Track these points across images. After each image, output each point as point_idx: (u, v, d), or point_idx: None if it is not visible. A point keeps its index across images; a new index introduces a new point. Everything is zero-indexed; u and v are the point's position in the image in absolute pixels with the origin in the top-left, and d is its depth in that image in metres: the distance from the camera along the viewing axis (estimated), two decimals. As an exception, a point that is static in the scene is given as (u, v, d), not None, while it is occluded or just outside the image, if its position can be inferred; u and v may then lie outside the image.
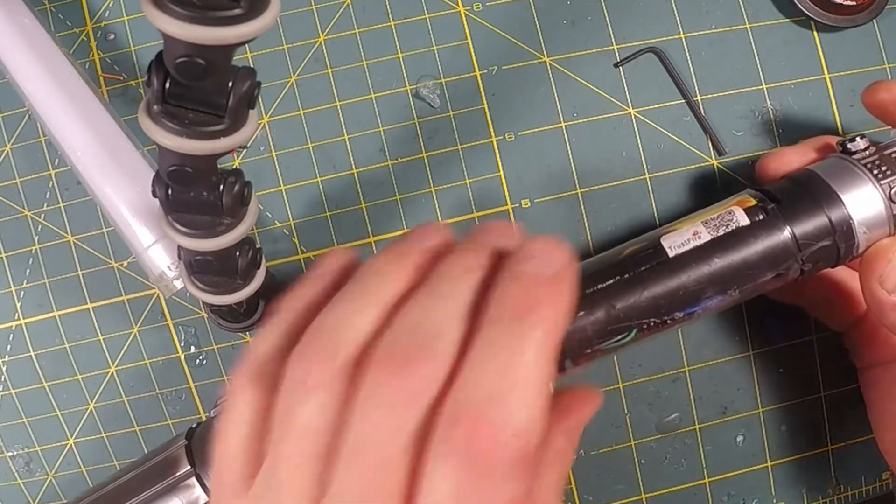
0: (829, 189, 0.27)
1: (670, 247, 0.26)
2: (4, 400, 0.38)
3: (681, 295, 0.26)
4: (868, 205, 0.27)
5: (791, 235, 0.26)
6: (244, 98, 0.22)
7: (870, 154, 0.28)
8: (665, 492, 0.39)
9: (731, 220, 0.26)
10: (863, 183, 0.27)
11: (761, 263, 0.26)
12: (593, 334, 0.26)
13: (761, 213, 0.27)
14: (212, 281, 0.30)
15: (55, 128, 0.35)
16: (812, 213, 0.27)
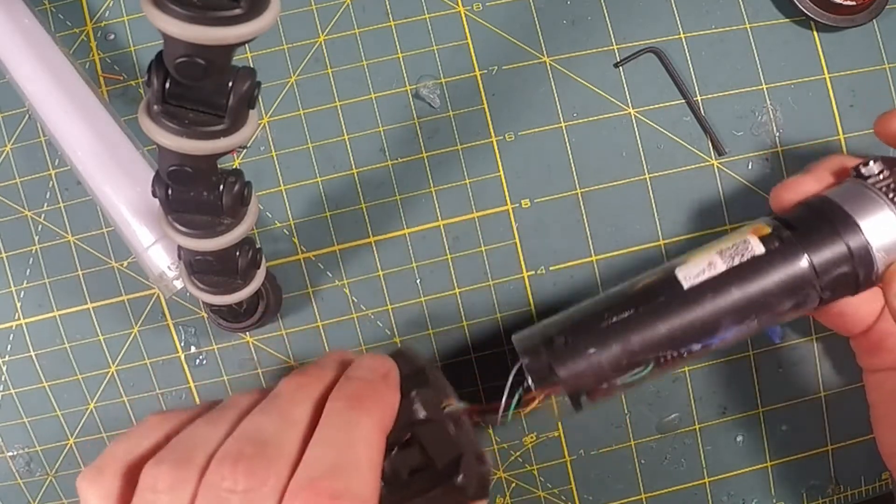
0: (845, 215, 0.26)
1: (685, 277, 0.26)
2: (5, 400, 0.38)
3: (698, 326, 0.26)
4: (886, 229, 0.26)
5: (809, 263, 0.26)
6: (244, 98, 0.22)
7: (884, 178, 0.27)
8: (665, 492, 0.39)
9: (746, 249, 0.26)
10: (879, 207, 0.26)
11: (779, 292, 0.26)
12: (609, 368, 0.26)
13: (777, 241, 0.26)
14: (212, 281, 0.30)
15: (55, 128, 0.35)
16: (829, 239, 0.26)
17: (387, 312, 0.38)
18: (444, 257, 0.38)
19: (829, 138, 0.38)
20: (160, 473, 0.23)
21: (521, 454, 0.38)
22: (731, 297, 0.26)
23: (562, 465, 0.39)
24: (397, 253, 0.38)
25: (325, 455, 0.23)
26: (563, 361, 0.26)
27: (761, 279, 0.26)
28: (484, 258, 0.38)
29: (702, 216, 0.38)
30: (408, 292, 0.38)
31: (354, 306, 0.38)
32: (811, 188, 0.29)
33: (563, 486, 0.39)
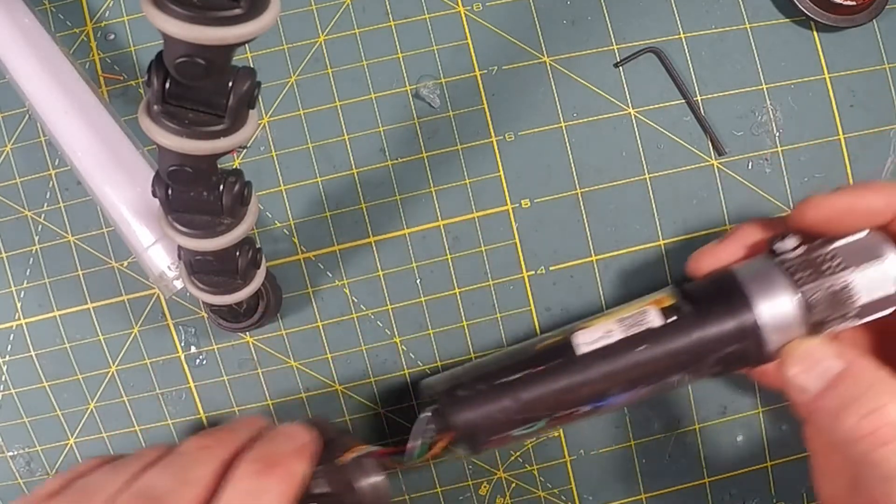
0: (743, 295, 0.26)
1: (580, 344, 0.27)
2: (5, 400, 0.38)
3: (587, 391, 0.27)
4: (782, 313, 0.26)
5: (699, 340, 0.26)
6: (244, 98, 0.22)
7: (795, 257, 0.27)
8: (665, 492, 0.39)
9: (643, 320, 0.26)
10: (779, 291, 0.26)
11: (669, 365, 0.26)
12: (503, 422, 0.28)
13: (675, 314, 0.27)
14: (212, 281, 0.30)
15: (55, 128, 0.35)
16: (722, 319, 0.26)
17: (387, 312, 0.38)
18: (444, 257, 0.38)
19: (829, 138, 0.38)
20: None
21: (521, 454, 0.39)
22: (620, 367, 0.26)
23: (562, 465, 0.39)
24: (397, 253, 0.38)
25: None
26: (461, 412, 0.28)
27: (652, 352, 0.26)
28: (484, 258, 0.38)
29: (702, 216, 0.38)
30: (408, 292, 0.38)
31: (354, 306, 0.38)
32: (726, 257, 0.29)
33: (563, 486, 0.39)
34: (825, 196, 0.27)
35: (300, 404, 0.38)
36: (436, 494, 0.38)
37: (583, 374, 0.27)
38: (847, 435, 0.24)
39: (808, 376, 0.25)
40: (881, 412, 0.23)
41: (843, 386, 0.24)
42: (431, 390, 0.30)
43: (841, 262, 0.26)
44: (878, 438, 0.23)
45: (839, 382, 0.25)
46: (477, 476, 0.38)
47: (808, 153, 0.38)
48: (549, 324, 0.38)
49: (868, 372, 0.24)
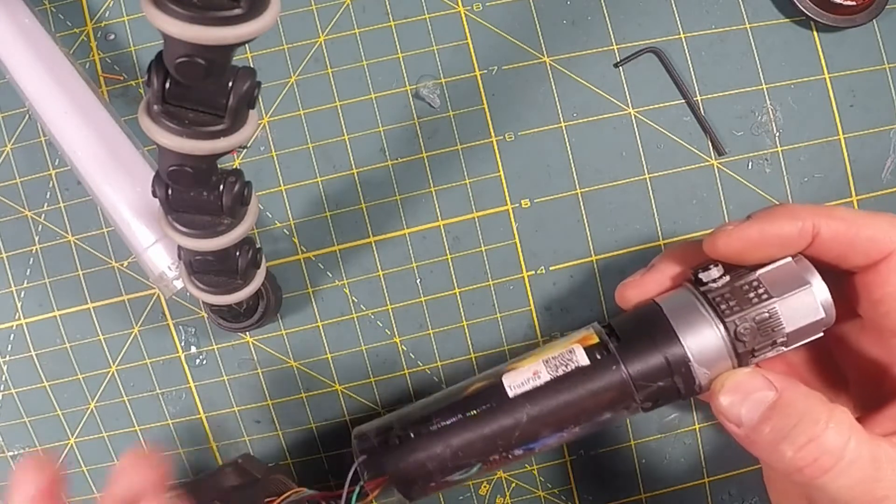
0: (669, 329, 0.26)
1: (510, 386, 0.26)
2: (6, 399, 0.38)
3: (518, 435, 0.27)
4: (709, 345, 0.26)
5: (628, 376, 0.26)
6: (244, 98, 0.22)
7: (720, 286, 0.26)
8: (665, 492, 0.39)
9: (570, 359, 0.26)
10: (705, 323, 0.26)
11: (599, 404, 0.26)
12: (435, 469, 0.28)
13: (602, 352, 0.26)
14: (212, 281, 0.30)
15: (55, 128, 0.35)
16: (649, 354, 0.26)
17: (387, 312, 0.38)
18: (444, 257, 0.38)
19: (829, 138, 0.38)
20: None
21: (521, 454, 0.39)
22: (551, 409, 0.26)
23: (562, 465, 0.39)
24: (397, 253, 0.38)
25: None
26: (393, 461, 0.28)
27: (581, 391, 0.26)
28: (484, 258, 0.38)
29: (702, 216, 0.38)
30: (408, 292, 0.38)
31: (354, 306, 0.38)
32: (652, 287, 0.29)
33: (563, 486, 0.39)
34: (736, 226, 0.26)
35: (300, 404, 0.38)
36: (436, 494, 0.38)
37: (514, 417, 0.27)
38: (788, 466, 0.24)
39: (740, 409, 0.25)
40: (817, 442, 0.23)
41: (776, 418, 0.24)
42: (364, 438, 0.29)
43: (765, 290, 0.25)
44: (819, 467, 0.23)
45: (772, 415, 0.24)
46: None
47: (808, 153, 0.38)
48: (549, 324, 0.38)
49: (800, 401, 0.24)
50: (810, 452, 0.23)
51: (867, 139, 0.39)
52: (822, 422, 0.23)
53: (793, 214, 0.26)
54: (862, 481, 0.23)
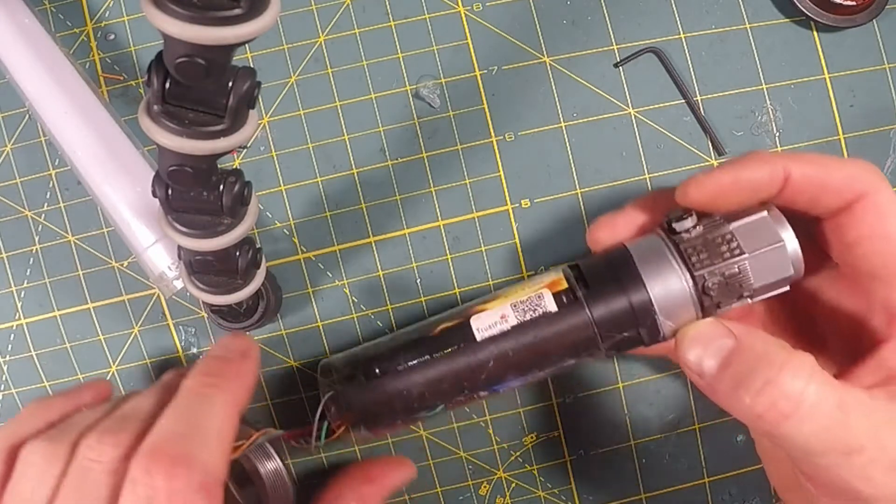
0: (638, 280, 0.26)
1: (478, 329, 0.27)
2: (5, 399, 0.38)
3: (483, 378, 0.27)
4: (676, 297, 0.25)
5: (594, 326, 0.26)
6: (244, 98, 0.22)
7: (693, 237, 0.26)
8: (665, 492, 0.39)
9: (538, 304, 0.26)
10: (674, 275, 0.25)
11: (564, 350, 0.27)
12: (401, 408, 0.28)
13: (570, 297, 0.26)
14: (212, 281, 0.30)
15: (55, 128, 0.35)
16: (617, 304, 0.26)
17: (387, 312, 0.38)
18: (444, 257, 0.38)
19: (829, 138, 0.38)
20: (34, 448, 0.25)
21: (521, 454, 0.39)
22: (518, 353, 0.26)
23: (562, 465, 0.39)
24: (397, 253, 0.38)
25: (170, 425, 0.25)
26: (359, 397, 0.28)
27: (548, 337, 0.26)
28: (484, 258, 0.38)
29: (702, 216, 0.38)
30: (408, 292, 0.38)
31: (354, 306, 0.38)
32: (623, 229, 0.29)
33: (563, 486, 0.39)
34: (708, 174, 0.26)
35: (300, 404, 0.38)
36: (436, 494, 0.38)
37: (480, 361, 0.27)
38: (748, 414, 0.23)
39: (702, 358, 0.24)
40: (773, 384, 0.22)
41: (734, 364, 0.24)
42: (330, 372, 0.30)
43: (738, 245, 0.25)
44: (779, 412, 0.22)
45: (731, 361, 0.24)
46: (477, 476, 0.38)
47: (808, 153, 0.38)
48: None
49: (757, 345, 0.24)
50: (767, 396, 0.22)
51: (867, 139, 0.39)
52: (776, 364, 0.23)
53: (764, 159, 0.26)
54: (828, 428, 0.22)
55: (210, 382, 0.27)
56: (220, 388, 0.26)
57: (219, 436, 0.25)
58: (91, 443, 0.24)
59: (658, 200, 0.29)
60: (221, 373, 0.27)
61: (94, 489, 0.24)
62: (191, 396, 0.26)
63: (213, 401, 0.26)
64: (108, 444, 0.24)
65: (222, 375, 0.27)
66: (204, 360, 0.28)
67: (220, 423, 0.25)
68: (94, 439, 0.24)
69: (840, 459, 0.22)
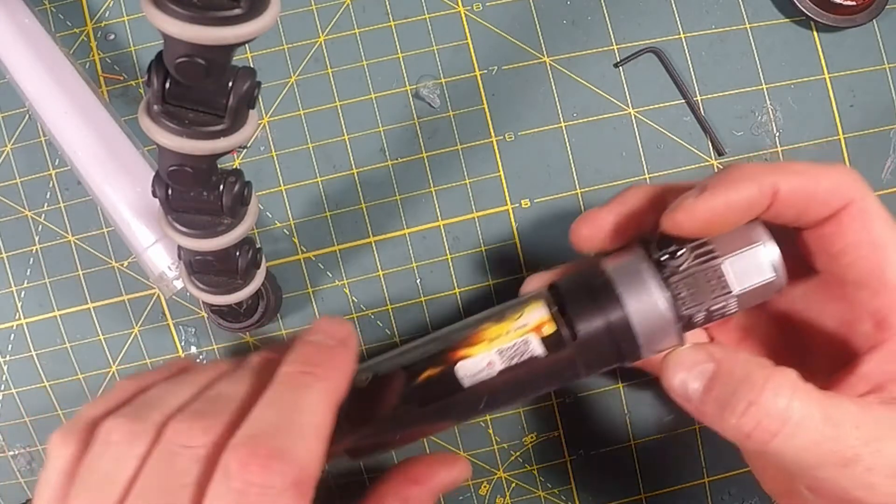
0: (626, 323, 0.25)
1: (464, 377, 0.27)
2: (6, 399, 0.38)
3: (469, 416, 0.28)
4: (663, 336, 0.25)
5: (582, 365, 0.26)
6: (244, 98, 0.22)
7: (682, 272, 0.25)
8: (665, 492, 0.39)
9: (525, 350, 0.26)
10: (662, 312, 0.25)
11: (549, 383, 0.27)
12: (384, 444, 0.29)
13: (557, 339, 0.26)
14: (212, 281, 0.30)
15: (55, 128, 0.35)
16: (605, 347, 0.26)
17: (387, 312, 0.38)
18: (444, 257, 0.38)
19: (829, 138, 0.38)
20: (115, 426, 0.23)
21: (521, 454, 0.39)
22: (505, 392, 0.27)
23: (562, 465, 0.39)
24: (397, 253, 0.38)
25: (268, 416, 0.23)
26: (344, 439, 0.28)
27: (536, 376, 0.26)
28: (484, 258, 0.38)
29: (702, 216, 0.38)
30: (408, 292, 0.38)
31: (354, 306, 0.38)
32: (608, 225, 0.28)
33: (563, 486, 0.39)
34: (698, 200, 0.25)
35: (300, 404, 0.38)
36: (436, 494, 0.38)
37: (468, 404, 0.27)
38: (736, 434, 0.23)
39: (686, 383, 0.24)
40: (757, 404, 0.22)
41: (717, 388, 0.24)
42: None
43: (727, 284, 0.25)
44: (765, 430, 0.22)
45: (713, 385, 0.24)
46: (477, 476, 0.38)
47: (808, 153, 0.38)
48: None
49: (738, 367, 0.23)
50: (752, 416, 0.22)
51: (867, 139, 0.39)
52: (757, 385, 0.23)
53: (750, 176, 0.25)
54: (818, 442, 0.22)
55: (309, 371, 0.25)
56: (320, 377, 0.25)
57: (317, 430, 0.23)
58: (181, 426, 0.23)
59: (640, 199, 0.28)
60: (321, 362, 0.25)
61: (180, 476, 0.22)
62: (289, 386, 0.24)
63: (311, 392, 0.24)
64: (198, 429, 0.23)
65: (321, 365, 0.25)
66: (301, 343, 0.26)
67: (319, 416, 0.24)
68: (184, 423, 0.23)
69: (837, 471, 0.22)
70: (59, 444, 0.24)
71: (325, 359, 0.26)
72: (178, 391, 0.25)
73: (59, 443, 0.24)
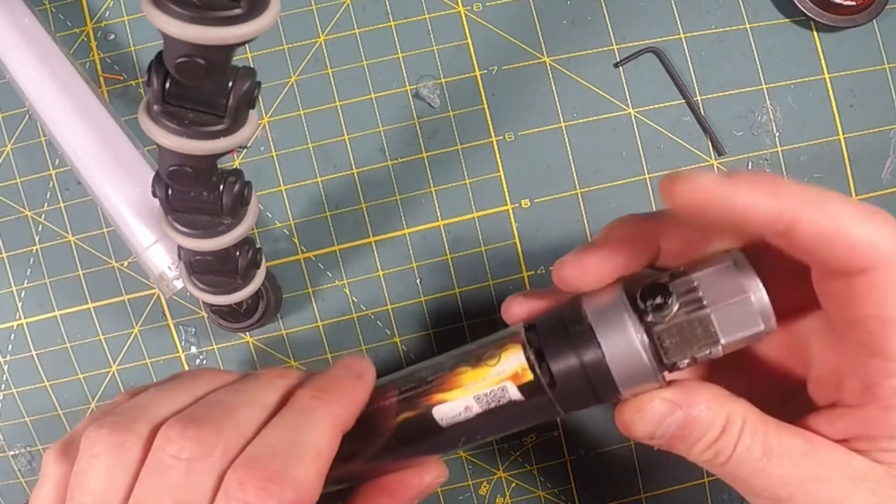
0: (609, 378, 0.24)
1: (442, 419, 0.27)
2: (6, 399, 0.38)
3: (447, 450, 0.28)
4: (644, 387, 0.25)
5: (559, 406, 0.26)
6: (244, 98, 0.22)
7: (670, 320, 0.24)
8: (665, 491, 0.39)
9: (503, 396, 0.26)
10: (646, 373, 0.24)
11: (526, 422, 0.27)
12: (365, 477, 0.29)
13: (535, 386, 0.25)
14: (212, 281, 0.30)
15: (55, 128, 0.35)
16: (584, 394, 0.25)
17: (387, 312, 0.38)
18: (444, 257, 0.38)
19: (829, 138, 0.38)
20: (98, 437, 0.23)
21: (521, 454, 0.39)
22: (484, 431, 0.27)
23: (562, 465, 0.39)
24: (397, 253, 0.38)
25: (272, 438, 0.23)
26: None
27: (512, 418, 0.27)
28: (484, 258, 0.38)
29: (702, 216, 0.38)
30: (408, 292, 0.38)
31: (354, 306, 0.38)
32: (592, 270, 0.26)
33: (563, 486, 0.39)
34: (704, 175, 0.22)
35: (300, 404, 0.38)
36: (436, 494, 0.38)
37: (446, 444, 0.28)
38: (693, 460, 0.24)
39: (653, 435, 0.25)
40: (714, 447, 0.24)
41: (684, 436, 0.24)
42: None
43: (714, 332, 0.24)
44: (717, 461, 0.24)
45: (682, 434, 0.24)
46: (477, 476, 0.38)
47: (808, 153, 0.38)
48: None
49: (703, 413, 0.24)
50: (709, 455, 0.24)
51: (867, 139, 0.39)
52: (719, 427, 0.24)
53: (776, 191, 0.21)
54: (754, 475, 0.23)
55: (317, 397, 0.25)
56: (327, 403, 0.25)
57: (318, 455, 0.24)
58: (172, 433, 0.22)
59: (625, 234, 0.26)
60: (331, 389, 0.26)
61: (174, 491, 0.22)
62: (296, 410, 0.25)
63: (316, 416, 0.24)
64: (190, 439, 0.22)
65: (331, 392, 0.26)
66: (318, 374, 0.27)
67: (322, 441, 0.24)
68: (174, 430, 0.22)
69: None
70: (50, 461, 0.24)
71: (336, 386, 0.26)
72: (168, 397, 0.25)
73: (50, 459, 0.24)
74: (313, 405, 0.25)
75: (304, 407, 0.25)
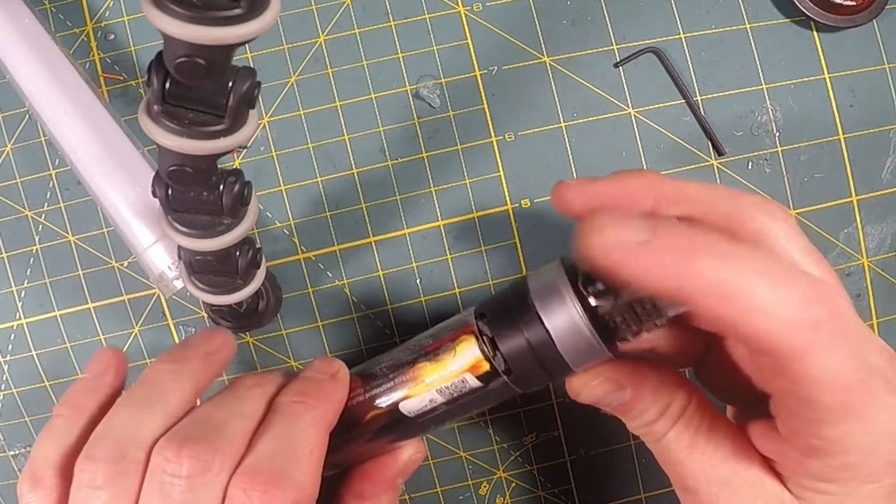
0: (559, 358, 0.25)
1: (409, 412, 0.28)
2: (6, 399, 0.38)
3: (418, 435, 0.30)
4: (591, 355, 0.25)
5: (518, 387, 0.27)
6: (244, 98, 0.22)
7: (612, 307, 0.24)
8: (665, 491, 0.39)
9: (463, 386, 0.27)
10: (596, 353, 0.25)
11: (487, 403, 0.29)
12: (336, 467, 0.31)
13: (493, 378, 0.27)
14: (212, 281, 0.30)
15: (55, 128, 0.35)
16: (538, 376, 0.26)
17: (387, 312, 0.38)
18: (444, 257, 0.38)
19: (828, 138, 0.38)
20: (97, 470, 0.23)
21: (521, 454, 0.39)
22: (451, 415, 0.29)
23: (562, 465, 0.39)
24: (397, 253, 0.38)
25: (267, 445, 0.25)
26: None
27: (477, 401, 0.28)
28: (484, 258, 0.38)
29: (702, 216, 0.38)
30: (408, 292, 0.38)
31: (354, 306, 0.38)
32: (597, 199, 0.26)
33: (563, 486, 0.39)
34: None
35: (300, 404, 0.38)
36: (436, 494, 0.38)
37: (417, 429, 0.29)
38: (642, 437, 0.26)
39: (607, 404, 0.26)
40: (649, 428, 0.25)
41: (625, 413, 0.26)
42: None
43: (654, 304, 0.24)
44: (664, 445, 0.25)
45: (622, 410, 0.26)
46: (477, 476, 0.38)
47: (808, 153, 0.38)
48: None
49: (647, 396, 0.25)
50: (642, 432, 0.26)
51: (867, 139, 0.39)
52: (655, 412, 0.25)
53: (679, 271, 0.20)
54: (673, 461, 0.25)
55: (300, 401, 0.27)
56: (311, 406, 0.27)
57: (311, 454, 0.25)
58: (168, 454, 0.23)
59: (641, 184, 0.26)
60: (311, 391, 0.27)
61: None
62: (283, 415, 0.26)
63: (303, 419, 0.26)
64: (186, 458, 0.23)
65: (312, 394, 0.27)
66: (295, 379, 0.28)
67: (313, 441, 0.26)
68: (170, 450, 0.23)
69: (682, 494, 0.26)
70: (25, 491, 0.24)
71: (315, 389, 0.27)
72: (147, 415, 0.25)
73: (25, 489, 0.24)
74: (299, 409, 0.26)
75: (291, 412, 0.26)
